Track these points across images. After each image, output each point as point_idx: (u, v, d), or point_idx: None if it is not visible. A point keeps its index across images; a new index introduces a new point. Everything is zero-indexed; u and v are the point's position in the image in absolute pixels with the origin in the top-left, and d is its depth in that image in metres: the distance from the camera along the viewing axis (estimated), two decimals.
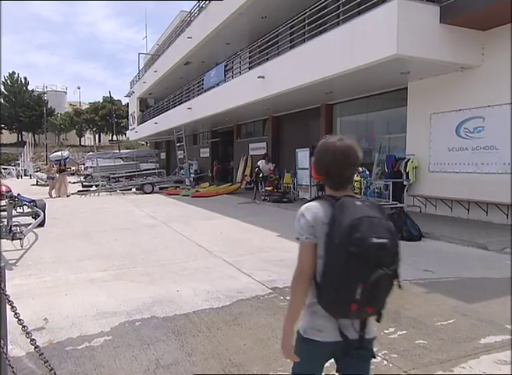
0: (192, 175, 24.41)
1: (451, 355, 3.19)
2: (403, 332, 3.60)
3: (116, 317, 4.01)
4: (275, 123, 19.26)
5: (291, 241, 7.67)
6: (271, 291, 4.79)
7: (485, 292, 4.66)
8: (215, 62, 20.74)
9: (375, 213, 1.69)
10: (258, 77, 13.68)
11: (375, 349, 1.83)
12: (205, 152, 27.92)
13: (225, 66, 17.34)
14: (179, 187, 21.20)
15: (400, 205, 8.25)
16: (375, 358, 1.83)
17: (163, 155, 37.22)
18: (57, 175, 18.28)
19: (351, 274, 1.61)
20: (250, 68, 15.27)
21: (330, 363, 1.87)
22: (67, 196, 17.98)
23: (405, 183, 10.72)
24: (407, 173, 10.84)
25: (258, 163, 17.38)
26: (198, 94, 20.68)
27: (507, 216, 8.84)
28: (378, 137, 13.45)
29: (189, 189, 19.21)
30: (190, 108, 21.31)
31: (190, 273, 5.58)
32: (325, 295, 1.71)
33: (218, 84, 18.05)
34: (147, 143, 45.37)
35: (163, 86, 29.57)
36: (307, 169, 14.46)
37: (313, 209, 1.79)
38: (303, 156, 14.75)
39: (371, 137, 13.85)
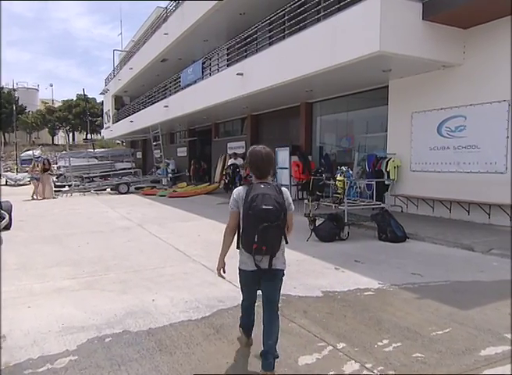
0: (169, 175, 23.91)
1: (452, 369, 2.95)
2: (398, 344, 3.34)
3: (84, 332, 3.63)
4: (254, 122, 18.96)
5: None
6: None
7: (478, 297, 4.46)
8: (192, 59, 20.30)
9: (270, 192, 2.75)
10: (237, 74, 13.35)
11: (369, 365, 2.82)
12: (182, 151, 27.42)
13: (203, 62, 16.91)
14: (155, 187, 20.67)
15: (383, 205, 8.05)
16: (282, 277, 3.07)
17: (139, 155, 36.46)
18: (41, 175, 16.78)
19: (251, 227, 2.74)
20: (228, 65, 14.93)
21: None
22: (53, 198, 16.92)
23: (387, 182, 10.58)
24: (389, 173, 10.71)
25: (230, 163, 17.16)
26: (175, 92, 20.21)
27: (489, 215, 8.77)
28: (358, 137, 13.30)
29: (166, 189, 18.71)
30: (166, 107, 20.83)
31: (167, 279, 5.22)
32: (242, 241, 2.91)
33: (195, 82, 17.62)
34: (122, 142, 44.47)
35: (139, 83, 28.90)
36: (287, 168, 14.22)
37: (238, 191, 2.93)
38: (283, 155, 14.49)
39: (351, 136, 13.69)
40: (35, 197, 16.38)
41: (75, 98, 61.80)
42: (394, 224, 7.41)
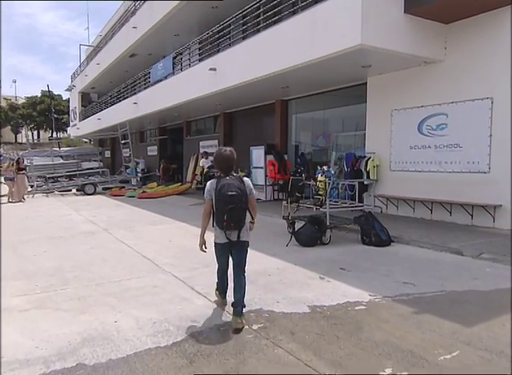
0: (139, 174, 23.05)
1: None
2: (404, 374, 2.87)
3: (28, 368, 3.00)
4: (227, 120, 18.37)
5: (250, 248, 6.80)
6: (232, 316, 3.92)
7: (479, 310, 4.06)
8: (162, 54, 19.48)
9: (233, 182, 3.66)
10: (209, 70, 12.74)
11: None
12: (153, 150, 26.55)
13: (174, 57, 16.19)
14: (124, 187, 19.78)
15: (367, 206, 7.65)
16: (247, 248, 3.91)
17: (108, 154, 35.24)
18: (16, 175, 15.37)
19: (221, 209, 3.64)
20: (200, 60, 14.27)
21: None
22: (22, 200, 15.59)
23: (366, 182, 10.23)
24: (368, 172, 10.36)
25: (201, 163, 16.58)
26: (145, 88, 19.38)
27: (472, 216, 8.51)
28: (335, 135, 12.93)
29: (135, 189, 17.89)
30: (135, 103, 19.98)
31: (133, 295, 4.60)
32: (215, 219, 3.75)
33: (166, 78, 16.88)
34: (90, 140, 42.93)
35: (107, 80, 27.80)
36: (262, 167, 13.72)
37: (210, 183, 3.79)
38: (257, 154, 13.99)
39: (327, 134, 13.32)
40: (11, 200, 15.17)
41: (39, 95, 59.45)
42: (378, 227, 7.01)
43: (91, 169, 24.53)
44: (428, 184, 9.30)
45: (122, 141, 20.60)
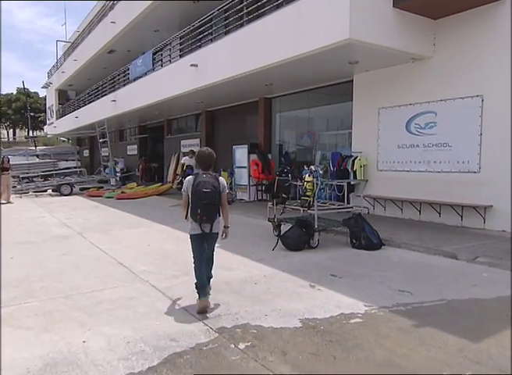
0: (118, 174, 22.40)
1: None
2: None
3: None
4: (209, 118, 17.93)
5: (233, 253, 6.47)
6: (216, 333, 3.54)
7: (485, 322, 3.76)
8: (142, 51, 18.94)
9: (209, 180, 4.04)
10: (191, 66, 12.29)
11: None
12: (133, 149, 25.88)
13: (154, 53, 15.66)
14: (102, 187, 19.14)
15: (356, 208, 7.33)
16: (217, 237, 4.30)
17: (86, 153, 34.38)
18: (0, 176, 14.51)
19: (195, 203, 4.00)
20: (181, 56, 13.79)
21: None
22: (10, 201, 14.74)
23: (353, 182, 9.93)
24: (355, 172, 10.08)
25: (183, 160, 16.17)
26: (124, 85, 18.76)
27: (461, 217, 8.29)
28: (320, 134, 12.64)
29: (114, 190, 17.28)
30: (114, 101, 19.36)
31: (106, 308, 4.16)
32: (190, 213, 4.09)
33: (145, 74, 16.32)
34: (69, 139, 41.80)
35: (85, 76, 27.02)
36: (245, 167, 13.33)
37: (188, 179, 4.16)
38: (241, 153, 13.59)
39: (312, 133, 13.01)
40: (2, 200, 14.34)
41: (15, 92, 57.77)
42: (368, 230, 6.70)
43: (69, 168, 23.80)
44: (417, 184, 9.06)
45: (101, 140, 19.95)
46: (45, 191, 18.57)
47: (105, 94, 20.97)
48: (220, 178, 4.21)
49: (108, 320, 3.84)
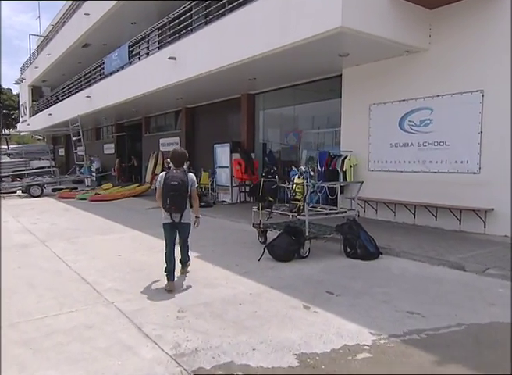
0: (93, 174, 21.38)
1: None
2: None
3: None
4: (190, 116, 17.12)
5: (214, 264, 5.74)
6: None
7: None
8: (118, 44, 17.92)
9: (178, 175, 4.61)
10: (169, 59, 11.49)
11: None
12: (110, 148, 24.84)
13: (130, 46, 14.77)
14: (76, 188, 18.12)
15: (350, 212, 6.68)
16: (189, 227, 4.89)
17: (62, 152, 33.10)
18: None
19: (165, 195, 4.61)
20: (159, 49, 12.96)
21: None
22: None
23: (342, 184, 9.32)
24: (345, 173, 9.46)
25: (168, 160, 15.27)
26: (99, 80, 17.79)
27: (460, 221, 7.73)
28: (307, 132, 12.00)
29: (87, 191, 16.30)
30: (88, 97, 18.40)
31: (57, 342, 3.39)
32: (162, 203, 4.68)
33: (122, 68, 15.41)
34: (44, 138, 40.26)
35: (59, 72, 25.86)
36: (227, 167, 12.59)
37: (161, 174, 4.79)
38: (222, 153, 12.85)
39: (298, 131, 12.35)
40: None
41: None
42: (364, 237, 6.05)
43: (43, 167, 22.69)
44: (411, 186, 8.49)
45: (74, 138, 18.92)
46: (14, 192, 17.47)
47: (80, 90, 19.96)
48: (190, 174, 4.86)
49: (56, 360, 3.08)
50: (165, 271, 4.74)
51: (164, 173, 4.80)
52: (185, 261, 5.21)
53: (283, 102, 12.72)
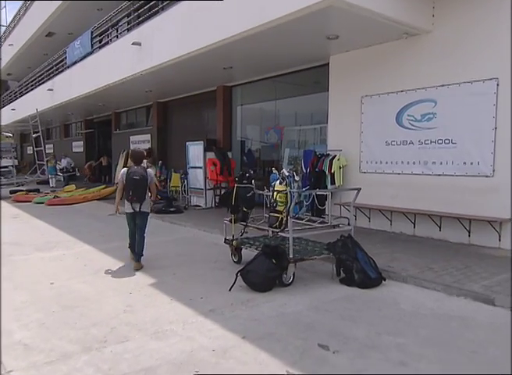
0: (59, 174, 19.76)
1: None
2: None
3: None
4: (162, 111, 15.72)
5: (171, 297, 4.38)
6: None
7: None
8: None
9: (138, 170, 5.53)
10: (133, 44, 10.10)
11: None
12: (79, 146, 23.19)
13: (92, 31, 13.26)
14: (38, 190, 16.46)
15: (345, 225, 5.42)
16: (148, 214, 5.75)
17: (30, 150, 31.11)
18: None
19: (128, 187, 5.50)
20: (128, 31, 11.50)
21: None
22: None
23: (330, 187, 8.13)
24: (333, 175, 8.25)
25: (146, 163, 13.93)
26: (61, 72, 16.20)
27: (469, 232, 6.58)
28: (290, 129, 10.77)
29: (47, 194, 14.69)
30: (51, 90, 16.80)
31: None
32: (125, 195, 5.53)
33: (85, 58, 13.89)
34: (13, 134, 38.06)
35: (25, 64, 24.12)
36: (200, 167, 11.24)
37: (123, 170, 5.62)
38: (195, 151, 11.50)
39: (279, 128, 11.11)
40: None
41: None
42: (363, 258, 4.82)
43: (6, 167, 20.98)
44: (410, 190, 7.32)
45: (34, 135, 17.27)
46: None
47: (43, 83, 18.32)
48: (148, 170, 5.76)
49: None
50: (129, 246, 5.86)
51: (125, 169, 5.63)
52: (139, 254, 5.62)
53: (263, 96, 11.46)
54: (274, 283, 4.64)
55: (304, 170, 8.96)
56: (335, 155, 8.31)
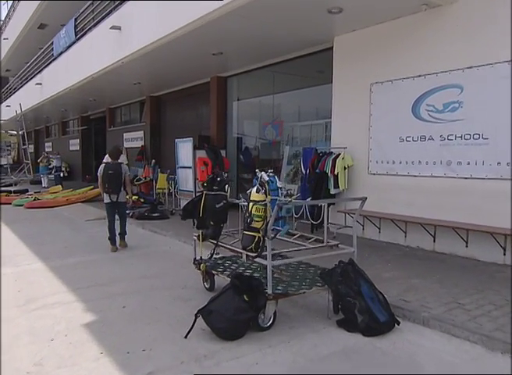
0: (53, 173, 18.76)
1: None
2: None
3: None
4: (155, 106, 14.57)
5: (105, 351, 2.93)
6: None
7: None
8: None
9: (113, 166, 6.49)
10: (111, 28, 8.94)
11: None
12: (75, 144, 22.18)
13: (76, 18, 12.13)
14: (27, 190, 15.46)
15: (346, 248, 4.12)
16: (125, 204, 6.75)
17: (31, 148, 30.33)
18: None
19: (105, 181, 6.39)
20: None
21: None
22: None
23: (333, 191, 6.87)
24: (336, 177, 6.98)
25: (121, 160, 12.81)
26: (48, 64, 15.17)
27: (504, 250, 5.28)
28: (293, 125, 9.52)
29: (30, 195, 13.63)
30: (39, 84, 15.79)
31: None
32: (103, 187, 6.46)
33: (71, 47, 12.79)
34: (18, 132, 37.43)
35: (22, 59, 23.08)
36: (190, 167, 10.04)
37: (101, 166, 6.49)
38: (185, 150, 10.29)
39: (278, 122, 9.86)
40: None
41: None
42: (368, 293, 3.55)
43: (1, 166, 20.18)
44: (430, 197, 6.03)
45: (21, 132, 16.28)
46: None
47: (33, 77, 17.35)
48: (122, 165, 6.62)
49: None
50: (108, 238, 6.50)
51: (103, 164, 6.47)
52: (124, 233, 6.70)
53: (262, 85, 10.22)
54: (246, 327, 3.41)
55: (304, 172, 7.72)
56: (339, 154, 7.04)
